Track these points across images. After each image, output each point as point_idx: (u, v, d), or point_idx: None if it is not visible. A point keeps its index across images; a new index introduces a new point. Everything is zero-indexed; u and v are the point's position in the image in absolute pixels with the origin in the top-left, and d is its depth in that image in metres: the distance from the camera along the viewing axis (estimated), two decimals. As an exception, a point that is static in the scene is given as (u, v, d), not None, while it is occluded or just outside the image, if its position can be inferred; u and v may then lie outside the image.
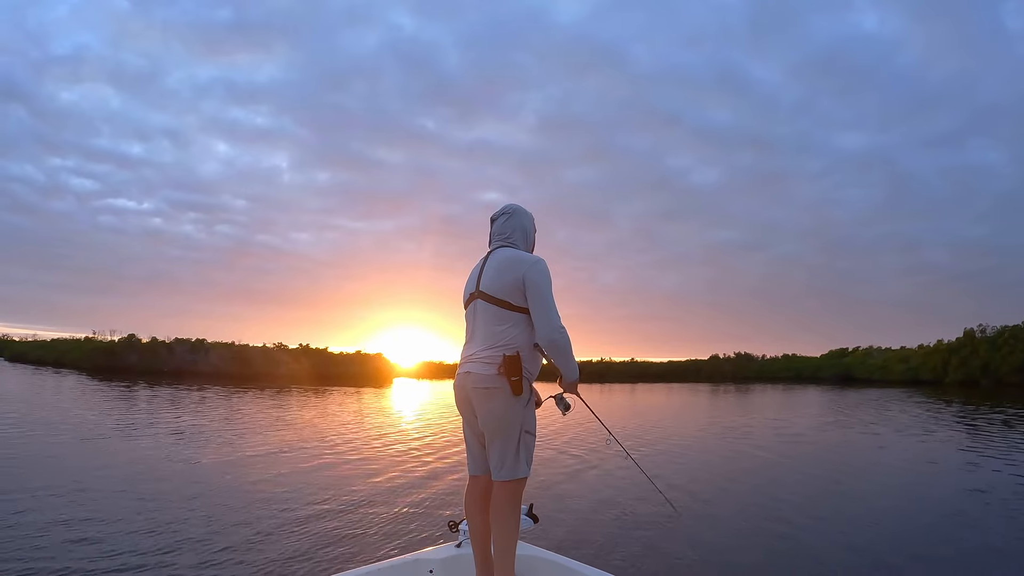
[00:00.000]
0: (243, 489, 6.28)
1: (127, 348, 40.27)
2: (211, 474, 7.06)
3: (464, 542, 2.40)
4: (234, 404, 16.74)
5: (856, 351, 54.76)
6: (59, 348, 45.97)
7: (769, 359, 58.61)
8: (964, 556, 4.48)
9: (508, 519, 2.04)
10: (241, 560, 4.06)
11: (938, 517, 5.65)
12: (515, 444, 2.04)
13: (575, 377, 2.18)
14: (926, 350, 45.39)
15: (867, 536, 4.94)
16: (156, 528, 4.75)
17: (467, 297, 2.23)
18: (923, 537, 5.00)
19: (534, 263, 2.10)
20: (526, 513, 2.46)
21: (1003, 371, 36.91)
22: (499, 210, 2.30)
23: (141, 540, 4.43)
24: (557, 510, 5.58)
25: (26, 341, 58.30)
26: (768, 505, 6.04)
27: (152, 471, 7.09)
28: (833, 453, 9.97)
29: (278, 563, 4.01)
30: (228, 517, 5.14)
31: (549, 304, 2.05)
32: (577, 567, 2.23)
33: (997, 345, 38.74)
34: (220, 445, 9.21)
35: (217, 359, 40.32)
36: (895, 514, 5.75)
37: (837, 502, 6.29)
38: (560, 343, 2.05)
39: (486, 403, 2.04)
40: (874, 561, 4.31)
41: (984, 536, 5.00)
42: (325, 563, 4.02)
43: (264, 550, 4.27)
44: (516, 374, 2.00)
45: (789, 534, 5.00)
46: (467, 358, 2.13)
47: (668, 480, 7.21)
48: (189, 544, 4.36)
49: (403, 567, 2.26)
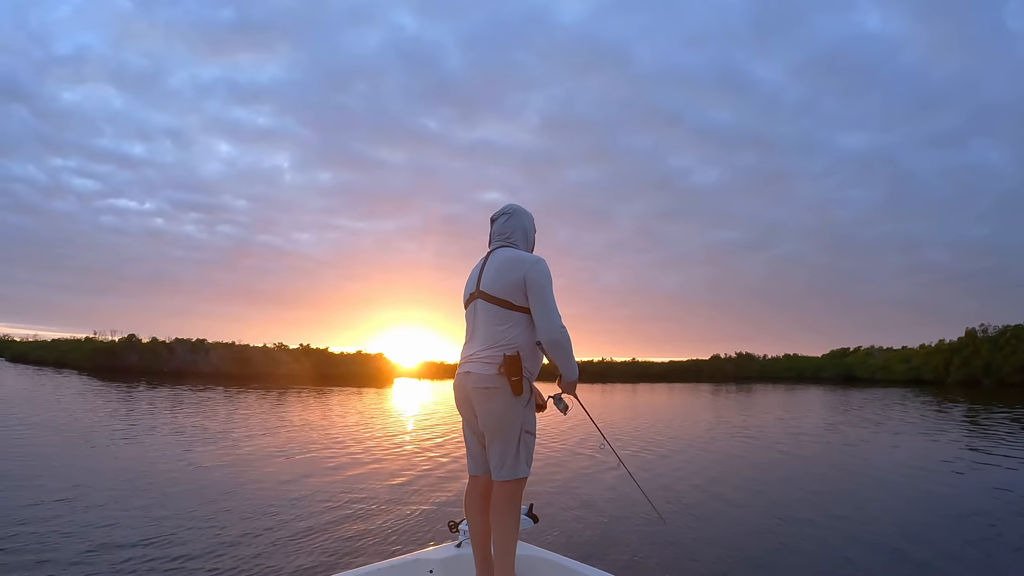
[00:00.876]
0: (241, 489, 6.28)
1: (127, 348, 40.37)
2: (209, 475, 7.07)
3: (464, 542, 2.40)
4: (234, 405, 16.76)
5: (857, 351, 54.69)
6: (60, 348, 46.04)
7: (770, 359, 58.63)
8: (989, 556, 4.45)
9: (508, 519, 2.04)
10: (241, 560, 4.06)
11: (960, 516, 5.59)
12: (515, 444, 2.04)
13: (575, 378, 2.18)
14: (928, 350, 45.30)
15: (883, 535, 4.92)
16: (152, 529, 4.75)
17: (467, 297, 2.23)
18: (945, 537, 4.94)
19: (535, 263, 2.10)
20: (526, 513, 2.46)
21: (1005, 371, 36.82)
22: (499, 210, 2.30)
23: (136, 539, 4.43)
24: (557, 510, 5.58)
25: (27, 341, 58.61)
26: (771, 506, 6.02)
27: (150, 471, 7.09)
28: (842, 453, 9.94)
29: (278, 563, 4.01)
30: (226, 517, 5.14)
31: (550, 304, 2.05)
32: (577, 567, 2.23)
33: (999, 345, 38.64)
34: (219, 446, 9.22)
35: (217, 359, 40.38)
36: (916, 513, 5.71)
37: (846, 502, 6.26)
38: (562, 343, 2.06)
39: (486, 403, 2.04)
40: (893, 559, 4.30)
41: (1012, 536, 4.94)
42: (325, 563, 4.01)
43: (263, 550, 4.27)
44: (516, 374, 2.00)
45: (791, 534, 4.98)
46: (467, 358, 2.13)
47: (668, 483, 7.21)
48: (188, 544, 4.37)
49: (403, 567, 2.26)
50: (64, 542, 4.32)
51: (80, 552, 4.13)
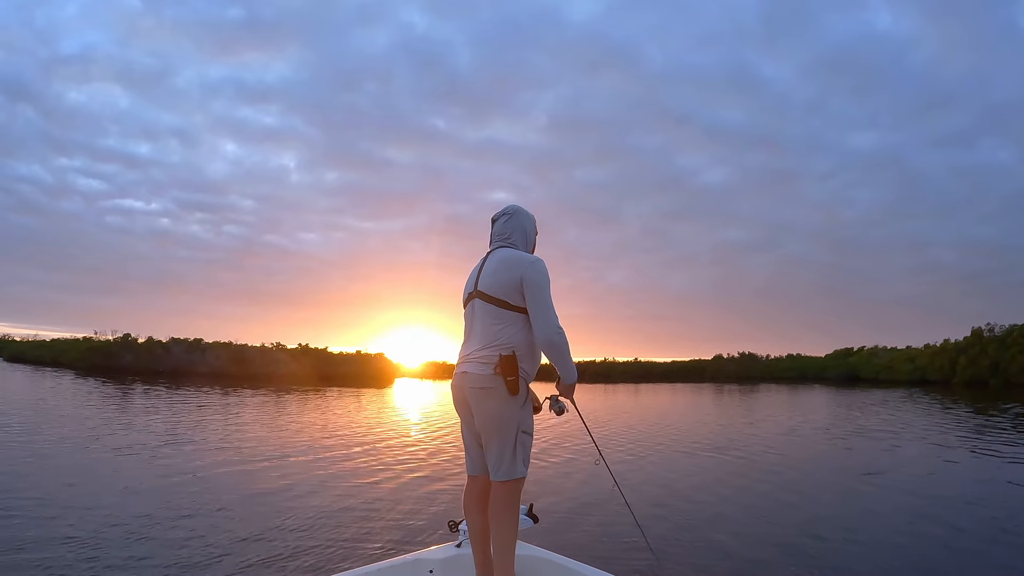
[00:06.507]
0: (239, 490, 6.28)
1: (123, 348, 39.89)
2: (207, 475, 7.07)
3: (464, 542, 2.40)
4: (230, 405, 16.67)
5: (861, 351, 54.40)
6: (56, 348, 45.57)
7: (774, 359, 58.36)
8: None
9: (507, 519, 2.04)
10: (240, 560, 4.06)
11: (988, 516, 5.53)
12: (512, 444, 2.04)
13: (573, 380, 2.17)
14: (933, 350, 45.02)
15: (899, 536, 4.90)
16: (147, 529, 4.76)
17: (466, 297, 2.23)
18: (971, 538, 4.91)
19: (532, 263, 2.10)
20: (526, 513, 2.46)
21: (1012, 371, 36.53)
22: (500, 211, 2.31)
23: (131, 541, 4.44)
24: (557, 510, 5.57)
25: (26, 341, 58.50)
26: (775, 508, 6.00)
27: (138, 473, 7.09)
28: (842, 454, 9.90)
29: (277, 563, 4.02)
30: (225, 517, 5.14)
31: (547, 304, 2.05)
32: (577, 567, 2.23)
33: (1007, 344, 38.34)
34: (216, 447, 9.24)
35: (214, 359, 40.00)
36: (940, 513, 5.69)
37: (856, 504, 6.24)
38: (558, 343, 2.05)
39: (483, 403, 2.04)
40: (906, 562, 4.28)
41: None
42: (325, 563, 4.02)
43: (263, 550, 4.28)
44: (512, 374, 2.00)
45: (795, 536, 4.96)
46: (464, 358, 2.14)
47: (669, 486, 7.18)
48: (186, 544, 4.37)
49: (403, 567, 2.26)
50: (47, 544, 4.34)
51: (73, 554, 4.14)
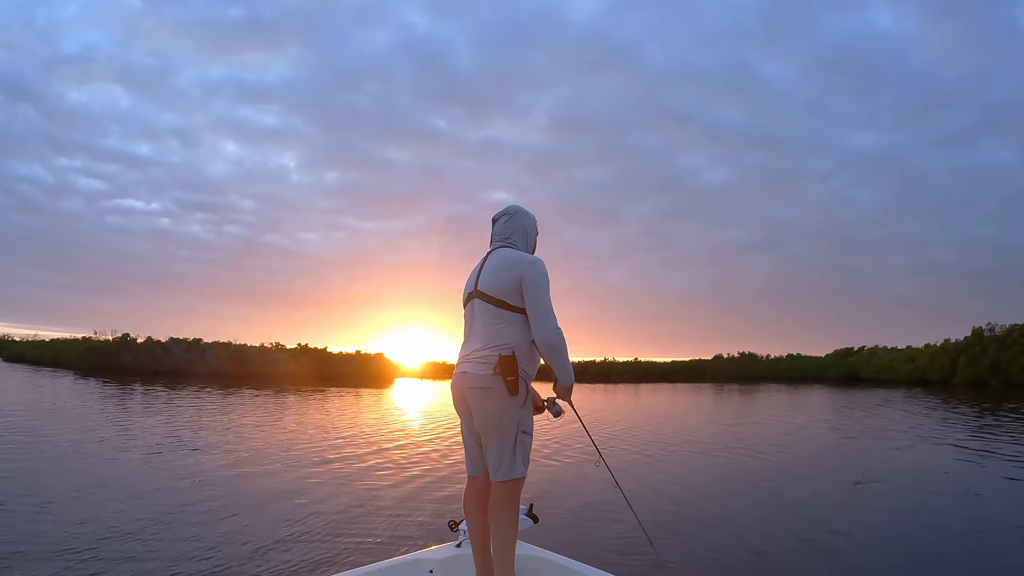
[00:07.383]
0: (239, 491, 6.29)
1: (122, 348, 39.79)
2: (206, 476, 7.07)
3: (464, 542, 2.40)
4: (229, 406, 16.66)
5: (861, 351, 54.36)
6: (56, 348, 45.45)
7: (773, 359, 58.33)
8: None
9: (506, 519, 2.04)
10: (240, 561, 4.06)
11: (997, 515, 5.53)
12: (512, 444, 2.03)
13: (570, 382, 2.16)
14: (933, 350, 44.96)
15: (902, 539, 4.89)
16: (144, 530, 4.76)
17: (466, 297, 2.23)
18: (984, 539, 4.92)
19: (531, 263, 2.10)
20: (526, 513, 2.45)
21: (1013, 371, 36.49)
22: (501, 211, 2.31)
23: (131, 541, 4.44)
24: (557, 510, 5.57)
25: (26, 341, 58.41)
26: (776, 508, 6.00)
27: (137, 473, 7.10)
28: (843, 456, 9.89)
29: (277, 564, 4.02)
30: (224, 518, 5.14)
31: (546, 305, 2.04)
32: (577, 567, 2.22)
33: (1007, 344, 38.28)
34: (215, 447, 9.24)
35: (214, 359, 39.91)
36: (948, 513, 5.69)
37: (856, 504, 6.23)
38: (556, 344, 2.04)
39: (482, 403, 2.03)
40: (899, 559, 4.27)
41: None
42: (325, 563, 4.02)
43: (262, 551, 4.28)
44: (512, 374, 2.00)
45: (796, 535, 4.96)
46: (464, 358, 2.13)
47: (669, 485, 7.18)
48: (186, 544, 4.37)
49: (403, 567, 2.26)
50: (44, 545, 4.33)
51: (67, 556, 4.14)
